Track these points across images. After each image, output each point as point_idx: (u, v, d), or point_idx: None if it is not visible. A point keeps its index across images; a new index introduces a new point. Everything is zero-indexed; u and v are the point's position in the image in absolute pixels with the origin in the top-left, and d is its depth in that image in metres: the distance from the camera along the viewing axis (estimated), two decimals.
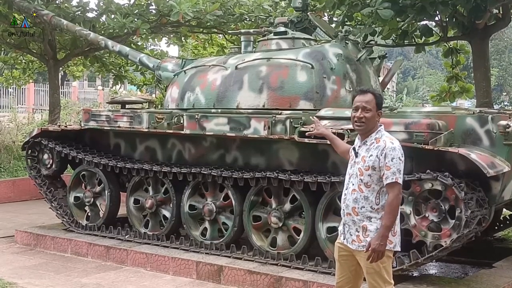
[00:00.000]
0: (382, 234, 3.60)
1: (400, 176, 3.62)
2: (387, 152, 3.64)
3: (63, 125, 7.54)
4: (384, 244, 3.60)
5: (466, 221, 4.77)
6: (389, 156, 3.63)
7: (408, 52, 55.47)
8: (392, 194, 3.63)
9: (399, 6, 7.45)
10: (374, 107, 3.74)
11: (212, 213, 6.34)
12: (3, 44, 11.73)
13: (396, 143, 3.70)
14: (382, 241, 3.59)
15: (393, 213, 3.62)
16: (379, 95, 3.83)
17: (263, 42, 6.84)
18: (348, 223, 3.79)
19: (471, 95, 9.87)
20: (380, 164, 3.65)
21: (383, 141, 3.69)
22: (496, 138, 4.91)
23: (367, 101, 3.75)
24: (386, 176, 3.63)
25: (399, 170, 3.63)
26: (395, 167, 3.62)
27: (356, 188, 3.73)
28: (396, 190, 3.62)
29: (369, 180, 3.69)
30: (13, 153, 11.63)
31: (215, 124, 6.07)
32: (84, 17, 10.21)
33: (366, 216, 3.70)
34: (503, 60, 46.84)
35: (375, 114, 3.75)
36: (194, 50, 14.69)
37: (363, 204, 3.71)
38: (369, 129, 3.76)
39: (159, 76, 7.74)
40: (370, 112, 3.73)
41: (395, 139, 3.76)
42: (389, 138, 3.74)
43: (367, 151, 3.73)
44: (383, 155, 3.64)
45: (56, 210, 7.64)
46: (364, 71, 6.55)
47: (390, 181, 3.62)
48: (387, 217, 3.62)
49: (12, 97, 19.29)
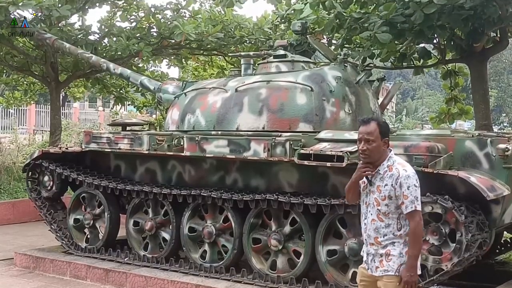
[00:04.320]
0: (411, 265, 3.59)
1: (418, 203, 3.59)
2: (401, 181, 3.59)
3: (64, 147, 7.55)
4: (415, 274, 3.59)
5: (467, 244, 4.76)
6: (404, 185, 3.58)
7: (407, 73, 55.69)
8: (413, 223, 3.60)
9: (398, 29, 7.52)
10: (378, 137, 3.67)
11: (212, 236, 6.32)
12: (6, 66, 11.80)
13: (410, 169, 3.66)
14: (413, 271, 3.58)
15: (418, 241, 3.62)
16: (383, 123, 3.76)
17: (263, 64, 6.89)
18: (371, 252, 3.75)
19: (470, 117, 9.92)
20: (396, 193, 3.61)
21: (395, 169, 3.64)
22: (495, 161, 4.93)
23: (369, 132, 3.68)
24: (405, 205, 3.59)
25: (417, 197, 3.59)
26: (413, 195, 3.58)
27: (376, 218, 3.69)
28: (418, 217, 3.60)
29: (386, 209, 3.66)
30: (13, 174, 11.63)
31: (215, 146, 6.09)
32: (86, 40, 10.29)
33: (390, 242, 3.67)
34: (502, 81, 47.03)
35: (380, 143, 3.68)
36: (194, 71, 14.76)
37: (385, 232, 3.68)
38: (376, 159, 3.70)
39: (159, 98, 7.78)
40: (373, 143, 3.66)
41: (408, 165, 3.72)
42: (401, 165, 3.68)
43: (381, 180, 3.67)
44: (398, 184, 3.60)
45: (56, 232, 7.61)
46: (363, 93, 6.59)
47: (409, 210, 3.58)
48: (412, 246, 3.60)
49: (13, 118, 19.33)
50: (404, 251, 3.64)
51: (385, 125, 3.76)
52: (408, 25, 7.44)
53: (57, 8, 9.10)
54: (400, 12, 7.33)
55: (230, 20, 10.53)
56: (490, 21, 7.54)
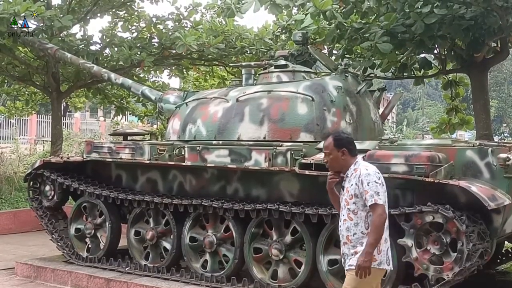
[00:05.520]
0: (366, 251, 3.86)
1: (379, 197, 3.89)
2: (362, 178, 3.94)
3: (65, 157, 7.57)
4: (368, 260, 3.84)
5: (468, 254, 4.76)
6: (365, 182, 3.92)
7: (407, 84, 55.74)
8: (374, 214, 3.89)
9: (398, 39, 7.56)
10: (333, 149, 4.07)
11: (213, 245, 6.32)
12: (7, 76, 11.84)
13: (371, 169, 4.01)
14: (366, 257, 3.84)
15: (376, 231, 3.87)
16: (338, 137, 4.10)
17: (264, 74, 6.92)
18: (346, 252, 4.05)
19: (471, 127, 9.92)
20: (360, 190, 3.95)
21: (359, 170, 4.00)
22: (496, 171, 4.94)
23: (325, 146, 4.16)
24: (366, 200, 3.91)
25: (377, 192, 3.90)
26: (372, 190, 3.90)
27: (346, 218, 4.02)
28: (379, 210, 3.89)
29: (355, 207, 3.98)
30: (15, 184, 11.62)
31: (216, 156, 6.10)
32: (88, 50, 10.32)
33: (359, 242, 3.95)
34: (503, 91, 47.03)
35: (337, 154, 4.07)
36: (195, 82, 14.80)
37: (354, 231, 3.98)
38: (339, 168, 4.10)
39: (161, 108, 7.80)
40: (330, 155, 4.10)
41: (371, 166, 4.06)
42: (364, 165, 4.04)
43: (349, 181, 4.04)
44: (360, 182, 3.95)
45: (57, 241, 7.61)
46: (364, 103, 6.61)
47: (370, 203, 3.90)
48: (370, 234, 3.89)
49: (14, 128, 19.29)
50: None
51: (339, 138, 4.11)
52: (408, 35, 7.48)
53: (58, 18, 9.14)
54: (401, 22, 7.38)
55: (231, 31, 10.56)
56: (491, 31, 7.58)
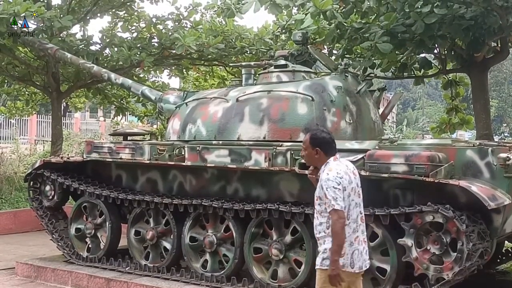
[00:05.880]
0: (331, 259, 3.97)
1: (336, 203, 3.95)
2: (322, 184, 4.04)
3: (65, 157, 7.57)
4: (336, 268, 3.95)
5: (468, 254, 4.76)
6: (324, 187, 4.01)
7: (407, 83, 55.75)
8: (332, 220, 3.97)
9: (398, 39, 7.55)
10: (308, 146, 4.18)
11: (213, 245, 6.32)
12: (7, 76, 11.84)
13: (331, 174, 4.02)
14: (333, 265, 3.96)
15: (337, 237, 3.95)
16: (313, 135, 4.19)
17: (263, 74, 6.92)
18: (318, 249, 4.19)
19: (471, 127, 9.92)
20: (321, 194, 4.05)
21: (322, 174, 4.09)
22: (496, 170, 4.93)
23: (303, 141, 4.27)
24: (327, 205, 3.99)
25: (335, 197, 3.96)
26: (330, 196, 3.97)
27: (315, 216, 4.18)
28: (335, 216, 3.95)
29: (320, 208, 4.10)
30: (15, 184, 11.63)
31: (216, 156, 6.11)
32: (88, 50, 10.32)
33: (323, 240, 4.10)
34: (503, 91, 47.05)
35: (312, 152, 4.18)
36: (195, 82, 14.80)
37: (319, 229, 4.12)
38: (313, 164, 4.26)
39: (161, 108, 7.80)
40: (305, 151, 4.23)
41: (333, 170, 4.05)
42: (328, 169, 4.08)
43: (318, 182, 4.13)
44: (321, 187, 4.05)
45: (57, 241, 7.62)
46: (364, 103, 6.61)
47: (329, 209, 3.98)
48: (333, 242, 3.99)
49: (15, 128, 19.30)
50: (328, 247, 4.02)
51: (315, 137, 4.19)
52: (408, 35, 7.48)
53: (58, 19, 9.15)
54: (401, 22, 7.37)
55: (231, 31, 10.56)
56: (491, 31, 7.58)
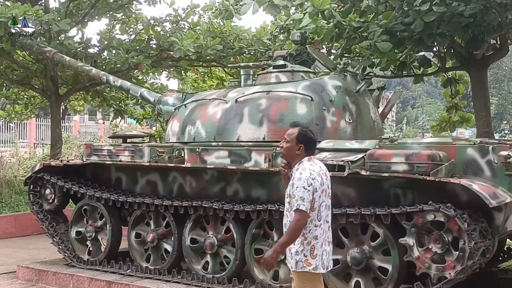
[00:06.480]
0: (275, 248, 3.99)
1: (302, 203, 3.93)
2: (294, 182, 4.00)
3: (65, 160, 7.56)
4: (274, 257, 3.99)
5: (470, 252, 4.74)
6: (294, 186, 3.98)
7: (407, 82, 55.80)
8: (294, 219, 3.96)
9: (397, 38, 7.54)
10: (293, 140, 4.09)
11: (214, 247, 6.31)
12: (6, 80, 11.83)
13: (304, 174, 3.98)
14: (273, 254, 3.98)
15: (291, 234, 3.96)
16: (303, 131, 4.11)
17: (262, 75, 6.90)
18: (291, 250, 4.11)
19: (471, 125, 9.92)
20: (291, 192, 4.02)
21: (296, 172, 4.05)
22: (497, 168, 4.92)
23: (288, 134, 4.15)
24: (293, 203, 3.97)
25: (302, 198, 3.93)
26: (298, 195, 3.94)
27: (285, 214, 4.15)
28: (297, 215, 3.94)
29: (288, 206, 4.08)
30: (15, 188, 11.61)
31: (215, 157, 6.09)
32: (86, 53, 10.31)
33: None
34: (503, 88, 47.07)
35: (294, 147, 4.09)
36: (194, 83, 14.78)
37: None
38: (290, 160, 4.16)
39: (159, 110, 7.78)
40: (288, 144, 4.12)
41: (306, 170, 4.01)
42: (301, 168, 4.03)
43: (291, 179, 4.09)
44: (291, 185, 4.03)
45: (58, 245, 7.60)
46: (363, 102, 6.59)
47: (295, 208, 3.96)
48: (285, 235, 4.00)
49: (14, 132, 19.29)
50: (300, 249, 4.00)
51: (304, 134, 4.12)
52: (407, 34, 7.46)
53: (56, 22, 9.13)
54: (400, 20, 7.36)
55: (229, 32, 10.54)
56: (490, 28, 7.57)
